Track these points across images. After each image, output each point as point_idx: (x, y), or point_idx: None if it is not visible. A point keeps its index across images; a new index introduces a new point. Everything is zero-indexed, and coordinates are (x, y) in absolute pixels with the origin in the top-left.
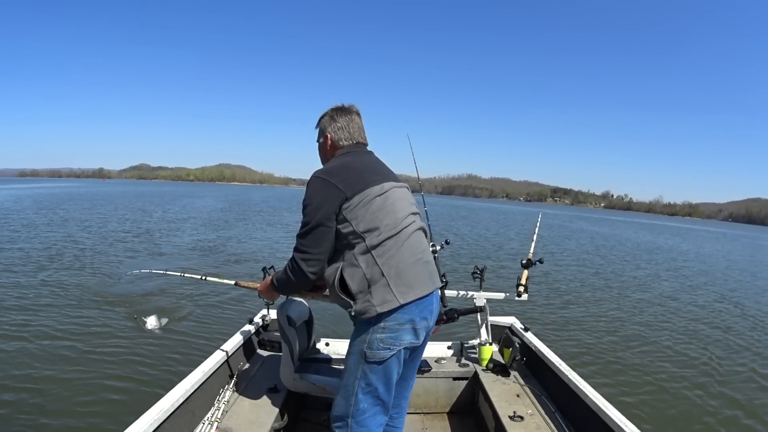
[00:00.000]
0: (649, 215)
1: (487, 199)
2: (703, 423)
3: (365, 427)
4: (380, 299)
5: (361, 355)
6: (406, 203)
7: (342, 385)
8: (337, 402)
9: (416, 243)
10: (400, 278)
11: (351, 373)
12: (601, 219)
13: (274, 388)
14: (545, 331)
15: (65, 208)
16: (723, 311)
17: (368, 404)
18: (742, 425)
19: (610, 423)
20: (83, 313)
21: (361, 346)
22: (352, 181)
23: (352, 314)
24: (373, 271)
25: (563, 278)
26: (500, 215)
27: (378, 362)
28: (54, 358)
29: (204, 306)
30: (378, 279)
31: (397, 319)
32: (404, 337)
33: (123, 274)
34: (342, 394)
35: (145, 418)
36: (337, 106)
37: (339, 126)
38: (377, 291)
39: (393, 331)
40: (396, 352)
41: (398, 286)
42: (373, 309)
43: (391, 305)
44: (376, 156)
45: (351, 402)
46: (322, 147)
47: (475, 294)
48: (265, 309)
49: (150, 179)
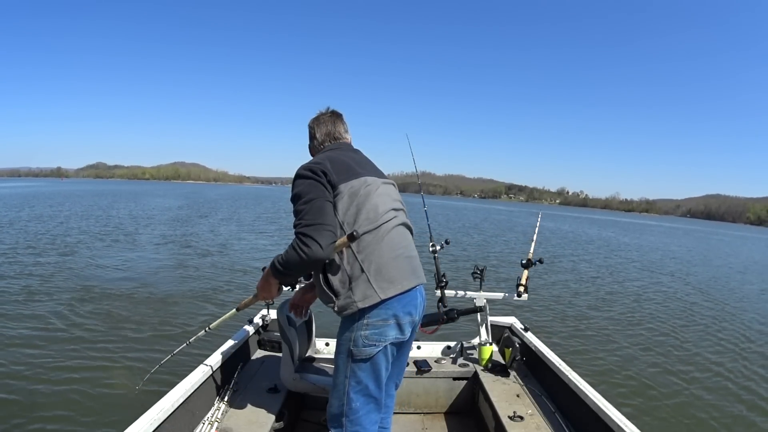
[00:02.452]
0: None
1: (441, 196)
2: (704, 423)
3: (360, 425)
4: (361, 295)
5: (348, 354)
6: (389, 199)
7: (333, 385)
8: (330, 402)
9: (397, 238)
10: (380, 273)
11: (341, 372)
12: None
13: (274, 388)
14: (545, 331)
15: (52, 206)
16: (724, 311)
17: (360, 402)
18: (743, 424)
19: (610, 423)
20: (83, 312)
21: (347, 344)
22: (337, 170)
23: (335, 310)
24: (354, 267)
25: (562, 279)
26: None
27: (365, 359)
28: (53, 359)
29: (204, 306)
30: (359, 274)
31: (380, 315)
32: (389, 333)
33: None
34: (334, 394)
35: (145, 418)
36: (322, 111)
37: (322, 128)
38: (358, 286)
39: (377, 327)
40: (382, 348)
41: (379, 282)
42: (354, 305)
43: (371, 300)
44: (363, 153)
45: (344, 401)
46: (310, 147)
47: (475, 294)
48: (265, 309)
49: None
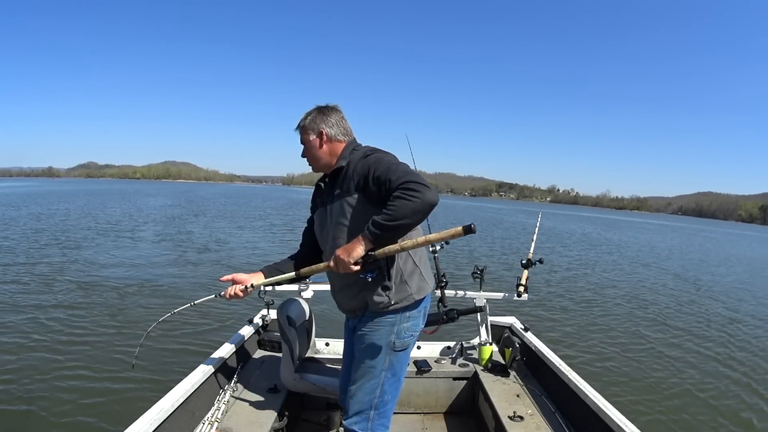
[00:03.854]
0: (596, 209)
1: None
2: (704, 423)
3: (386, 418)
4: (416, 287)
5: (388, 346)
6: None
7: (360, 382)
8: (355, 399)
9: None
10: (426, 268)
11: (375, 367)
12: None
13: (274, 388)
14: (545, 332)
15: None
16: (725, 311)
17: (391, 395)
18: (743, 424)
19: (610, 423)
20: (82, 312)
21: (389, 336)
22: None
23: (384, 303)
24: (407, 261)
25: (561, 278)
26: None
27: (403, 350)
28: (53, 359)
29: (204, 306)
30: (413, 268)
31: (418, 307)
32: (421, 323)
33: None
34: (364, 389)
35: (145, 418)
36: (322, 105)
37: (332, 122)
38: (413, 279)
39: (415, 319)
40: (415, 338)
41: (427, 275)
42: (411, 297)
43: (424, 292)
44: None
45: (376, 394)
46: (313, 144)
47: (475, 294)
48: (264, 309)
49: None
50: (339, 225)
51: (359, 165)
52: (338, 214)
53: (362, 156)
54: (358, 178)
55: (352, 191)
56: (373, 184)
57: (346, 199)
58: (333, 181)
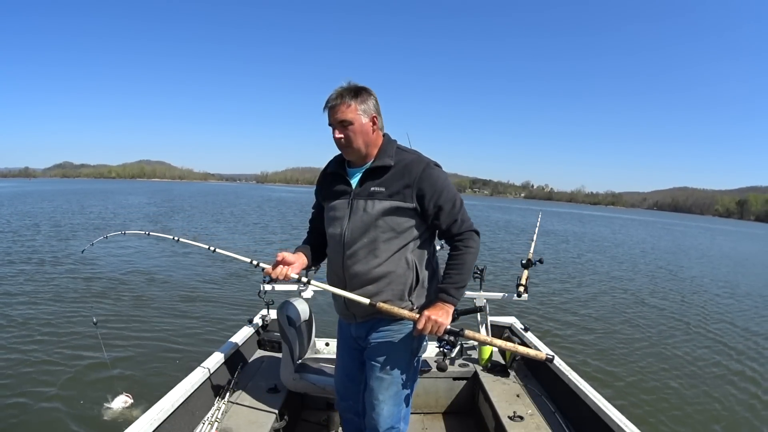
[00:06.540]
0: (571, 204)
1: None
2: (704, 422)
3: (408, 424)
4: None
5: (413, 353)
6: None
7: (386, 394)
8: (385, 413)
9: None
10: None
11: (403, 374)
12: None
13: (274, 388)
14: (545, 331)
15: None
16: (726, 311)
17: (412, 399)
18: (743, 424)
19: (610, 423)
20: (82, 312)
21: (412, 342)
22: None
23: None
24: (428, 265)
25: (561, 278)
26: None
27: (423, 353)
28: (53, 360)
29: (204, 306)
30: (433, 274)
31: None
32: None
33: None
34: (391, 402)
35: (145, 418)
36: (365, 86)
37: (380, 112)
38: (432, 283)
39: None
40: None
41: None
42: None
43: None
44: None
45: (405, 404)
46: (365, 129)
47: (475, 294)
48: (264, 309)
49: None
50: (362, 223)
51: (422, 176)
52: (365, 212)
53: (424, 166)
54: (416, 189)
55: (395, 196)
56: (432, 208)
57: (384, 201)
58: (370, 177)
